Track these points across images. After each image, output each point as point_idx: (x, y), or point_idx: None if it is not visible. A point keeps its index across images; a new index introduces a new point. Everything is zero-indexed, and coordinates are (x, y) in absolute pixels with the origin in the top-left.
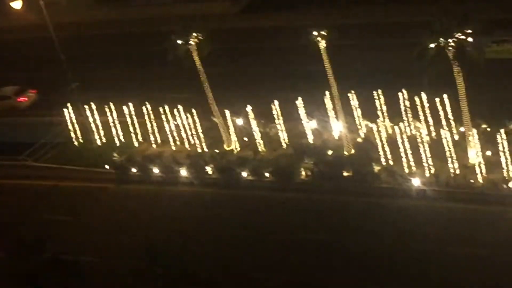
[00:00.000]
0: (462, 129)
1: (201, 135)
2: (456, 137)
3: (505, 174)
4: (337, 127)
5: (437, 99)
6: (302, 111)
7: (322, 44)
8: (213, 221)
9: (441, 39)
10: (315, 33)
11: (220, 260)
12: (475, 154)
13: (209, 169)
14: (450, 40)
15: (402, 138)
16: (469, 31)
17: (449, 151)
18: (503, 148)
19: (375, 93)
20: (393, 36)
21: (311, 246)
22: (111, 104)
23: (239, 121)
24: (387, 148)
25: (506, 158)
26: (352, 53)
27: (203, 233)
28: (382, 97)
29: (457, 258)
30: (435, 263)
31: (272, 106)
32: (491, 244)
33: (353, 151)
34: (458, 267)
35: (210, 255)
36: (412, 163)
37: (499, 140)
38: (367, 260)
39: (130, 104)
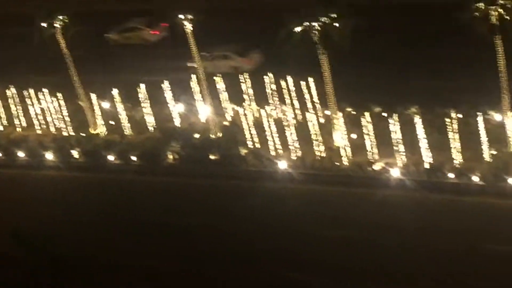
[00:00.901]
0: (327, 112)
1: (67, 119)
2: (322, 120)
3: (369, 156)
4: (204, 111)
5: (303, 83)
6: (168, 94)
7: (189, 28)
8: (79, 205)
9: (306, 22)
10: (181, 16)
11: (88, 245)
12: (340, 137)
13: (75, 153)
14: (314, 24)
15: (268, 121)
16: (334, 15)
17: (315, 134)
18: (368, 131)
19: (241, 76)
20: (261, 20)
21: (177, 230)
22: None
23: (106, 105)
24: (253, 131)
25: (370, 141)
26: (219, 36)
27: (70, 218)
28: (248, 80)
29: (327, 240)
30: (307, 244)
31: (138, 90)
32: (357, 225)
33: (220, 135)
34: (328, 248)
35: (77, 240)
36: (278, 146)
37: (364, 123)
38: (237, 243)
39: None
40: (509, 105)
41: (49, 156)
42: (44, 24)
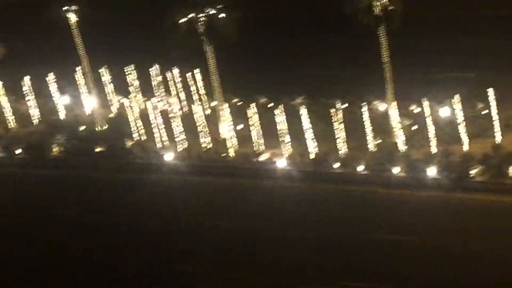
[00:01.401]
0: (214, 103)
1: None
2: (208, 111)
3: (256, 147)
4: (89, 103)
5: (189, 74)
6: (53, 87)
7: (73, 18)
8: None
9: (192, 14)
10: (65, 8)
11: None
12: (226, 128)
13: None
14: (200, 15)
15: (154, 113)
16: (220, 6)
17: (201, 125)
18: (254, 122)
19: (126, 68)
20: (148, 11)
21: (62, 221)
22: None
23: None
24: (139, 123)
25: (256, 132)
26: (105, 28)
27: None
28: (134, 73)
29: (213, 230)
30: (194, 235)
31: (22, 83)
32: (244, 215)
33: (106, 127)
34: (214, 238)
35: None
36: (165, 138)
37: (250, 114)
38: (122, 234)
39: None
40: (393, 95)
41: None
42: None
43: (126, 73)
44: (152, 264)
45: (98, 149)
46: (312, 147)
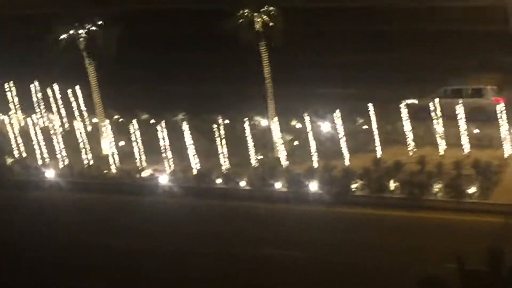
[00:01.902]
0: (95, 120)
1: None
2: (90, 128)
3: (138, 164)
4: None
5: (70, 90)
6: None
7: None
8: None
9: (72, 30)
10: None
11: None
12: (108, 144)
13: None
14: (81, 31)
15: (35, 130)
16: (100, 22)
17: (83, 142)
18: (136, 138)
19: (6, 85)
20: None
21: None
22: None
23: None
24: (19, 140)
25: (138, 148)
26: None
27: None
28: (14, 89)
29: (96, 247)
30: (78, 252)
31: None
32: (128, 232)
33: None
34: (97, 256)
35: None
36: (46, 155)
37: (132, 130)
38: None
39: None
40: (274, 111)
41: None
42: None
43: (6, 89)
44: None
45: None
46: (195, 163)
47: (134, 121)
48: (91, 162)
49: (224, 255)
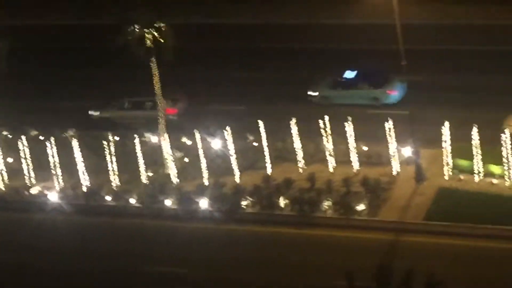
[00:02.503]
0: None
1: None
2: None
3: (27, 180)
4: None
5: None
6: None
7: None
8: None
9: None
10: None
11: None
12: None
13: None
14: None
15: None
16: None
17: None
18: (25, 155)
19: None
20: None
21: None
22: None
23: None
24: None
25: (27, 165)
26: None
27: None
28: None
29: None
30: None
31: None
32: (16, 249)
33: None
34: None
35: None
36: None
37: (20, 147)
38: None
39: None
40: (164, 127)
41: None
42: None
43: None
44: None
45: None
46: (84, 180)
47: (23, 137)
48: None
49: (107, 273)
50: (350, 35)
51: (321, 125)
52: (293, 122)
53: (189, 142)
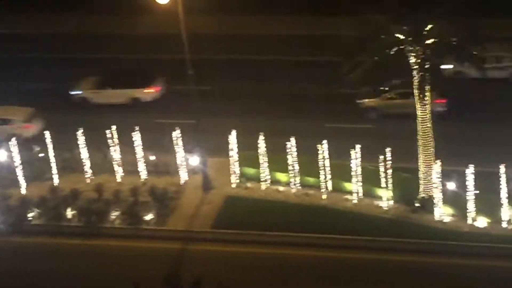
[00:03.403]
0: None
1: None
2: None
3: None
4: None
5: None
6: None
7: None
8: None
9: None
10: None
11: None
12: None
13: None
14: None
15: None
16: None
17: None
18: None
19: None
20: None
21: None
22: None
23: None
24: None
25: None
26: None
27: None
28: None
29: None
30: None
31: None
32: None
33: None
34: None
35: None
36: None
37: None
38: None
39: None
40: None
41: None
42: None
43: None
44: None
45: None
46: None
47: None
48: None
49: None
50: (136, 45)
51: (108, 135)
52: (79, 132)
53: None
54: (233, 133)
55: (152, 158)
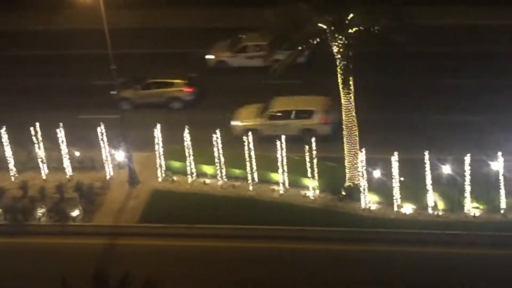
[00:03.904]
0: None
1: None
2: None
3: None
4: None
5: None
6: None
7: None
8: None
9: None
10: None
11: None
12: None
13: None
14: None
15: None
16: None
17: None
18: None
19: None
20: None
21: None
22: None
23: None
24: None
25: None
26: None
27: None
28: None
29: None
30: None
31: None
32: None
33: None
34: None
35: None
36: None
37: None
38: None
39: None
40: None
41: None
42: None
43: None
44: None
45: None
46: None
47: None
48: None
49: None
50: (58, 41)
51: (32, 131)
52: (2, 130)
53: None
54: (158, 127)
55: (77, 154)
